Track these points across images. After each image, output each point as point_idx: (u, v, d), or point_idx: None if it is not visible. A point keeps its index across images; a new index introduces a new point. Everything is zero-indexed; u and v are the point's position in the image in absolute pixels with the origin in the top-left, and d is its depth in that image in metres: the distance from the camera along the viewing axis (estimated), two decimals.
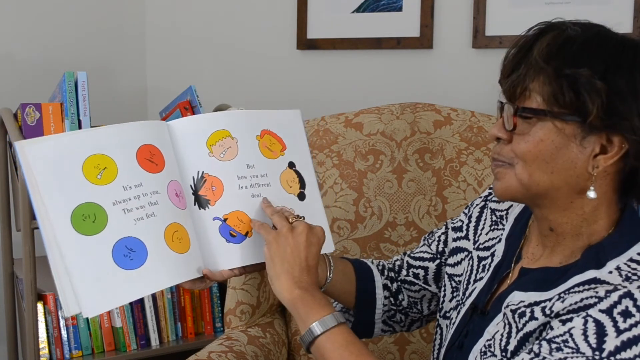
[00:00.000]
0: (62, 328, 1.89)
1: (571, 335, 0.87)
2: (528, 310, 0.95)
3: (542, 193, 0.97)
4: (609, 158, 0.93)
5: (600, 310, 0.86)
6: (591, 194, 0.94)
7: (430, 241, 1.29)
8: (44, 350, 1.86)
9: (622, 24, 1.78)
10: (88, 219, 1.01)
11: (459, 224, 1.23)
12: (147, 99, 2.48)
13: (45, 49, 2.22)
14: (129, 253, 1.03)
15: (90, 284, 1.00)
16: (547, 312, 0.92)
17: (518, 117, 0.95)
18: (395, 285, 1.30)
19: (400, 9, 2.05)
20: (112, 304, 1.03)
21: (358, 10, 2.10)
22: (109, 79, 2.36)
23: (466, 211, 1.24)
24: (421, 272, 1.28)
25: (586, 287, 0.92)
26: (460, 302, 1.14)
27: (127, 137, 1.08)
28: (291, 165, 1.21)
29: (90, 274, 1.00)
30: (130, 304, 1.94)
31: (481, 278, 1.11)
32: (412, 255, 1.30)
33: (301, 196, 1.21)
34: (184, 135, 1.14)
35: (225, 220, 1.14)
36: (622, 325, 0.85)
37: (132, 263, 1.03)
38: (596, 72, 0.90)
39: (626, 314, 0.85)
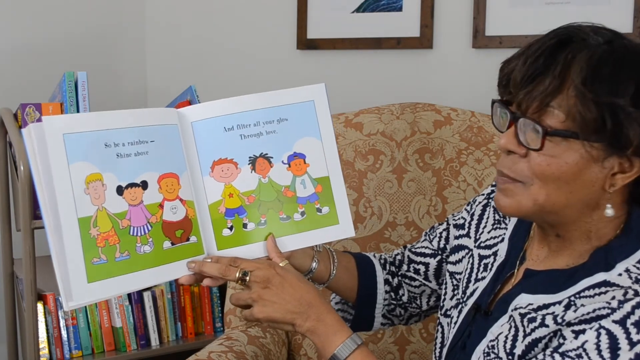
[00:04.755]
0: (62, 328, 1.89)
1: (585, 350, 0.87)
2: (539, 316, 0.94)
3: (554, 211, 0.95)
4: (627, 177, 0.91)
5: (614, 321, 0.86)
6: (609, 211, 0.93)
7: (431, 237, 1.29)
8: (44, 350, 1.86)
9: (622, 24, 1.77)
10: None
11: (461, 221, 1.23)
12: (147, 99, 2.48)
13: (45, 49, 2.22)
14: None
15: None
16: (559, 320, 0.92)
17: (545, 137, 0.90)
18: (396, 280, 1.29)
19: (400, 9, 2.05)
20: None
21: (358, 10, 2.10)
22: (109, 79, 2.36)
23: (468, 208, 1.23)
24: (422, 268, 1.27)
25: (596, 290, 0.91)
26: (461, 300, 1.13)
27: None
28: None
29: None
30: (131, 304, 1.94)
31: (483, 277, 1.10)
32: (413, 250, 1.30)
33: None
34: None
35: None
36: (635, 337, 0.85)
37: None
38: (632, 100, 0.87)
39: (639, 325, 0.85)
